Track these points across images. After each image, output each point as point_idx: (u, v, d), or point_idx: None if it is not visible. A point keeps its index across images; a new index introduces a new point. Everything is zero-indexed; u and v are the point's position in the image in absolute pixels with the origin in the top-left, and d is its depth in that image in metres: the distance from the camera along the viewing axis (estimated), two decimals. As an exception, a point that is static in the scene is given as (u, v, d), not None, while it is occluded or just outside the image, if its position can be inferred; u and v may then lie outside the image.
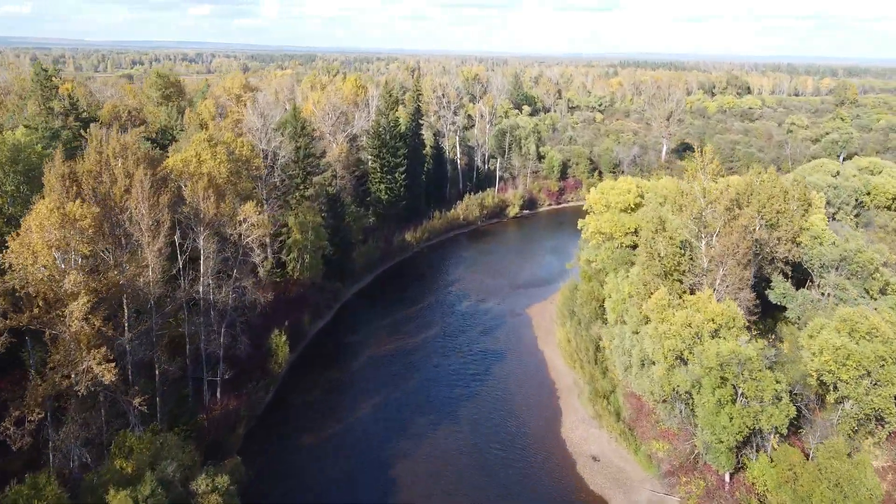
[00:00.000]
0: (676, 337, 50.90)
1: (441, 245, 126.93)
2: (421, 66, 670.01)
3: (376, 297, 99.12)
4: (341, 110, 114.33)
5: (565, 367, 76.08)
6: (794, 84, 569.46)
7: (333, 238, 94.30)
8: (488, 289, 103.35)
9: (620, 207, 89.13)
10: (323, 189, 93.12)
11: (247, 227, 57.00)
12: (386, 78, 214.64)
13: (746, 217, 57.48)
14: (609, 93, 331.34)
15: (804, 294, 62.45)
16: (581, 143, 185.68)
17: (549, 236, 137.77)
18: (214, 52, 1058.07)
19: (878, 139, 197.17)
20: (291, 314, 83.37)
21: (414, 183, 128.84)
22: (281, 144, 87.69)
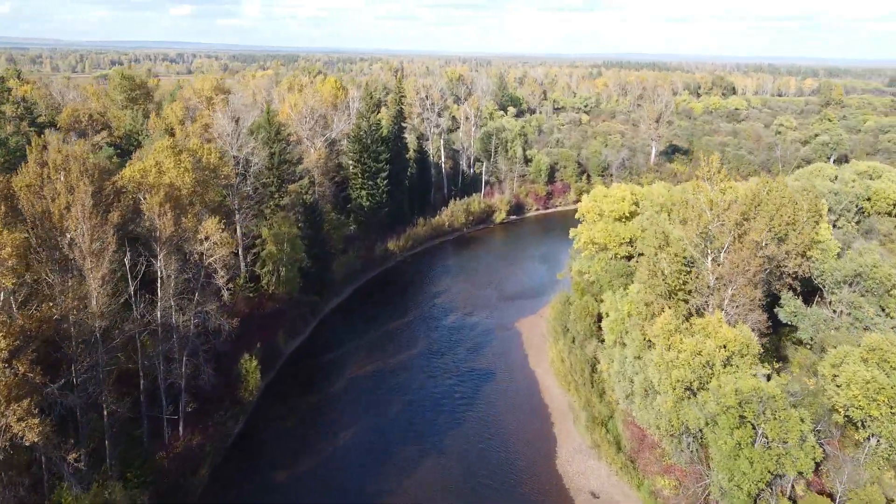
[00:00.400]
0: (685, 366, 46.07)
1: (426, 253, 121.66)
2: (404, 67, 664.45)
3: (357, 310, 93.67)
4: (320, 113, 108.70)
5: (559, 388, 71.12)
6: (778, 84, 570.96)
7: (311, 249, 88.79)
8: (475, 300, 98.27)
9: (615, 216, 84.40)
10: (299, 197, 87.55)
11: (209, 245, 51.41)
12: (367, 79, 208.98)
13: (757, 231, 52.81)
14: (594, 93, 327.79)
15: (817, 313, 57.96)
16: (568, 146, 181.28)
17: (538, 243, 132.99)
18: (196, 53, 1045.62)
19: (868, 141, 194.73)
20: (265, 332, 77.86)
21: (397, 189, 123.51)
22: (254, 150, 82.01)
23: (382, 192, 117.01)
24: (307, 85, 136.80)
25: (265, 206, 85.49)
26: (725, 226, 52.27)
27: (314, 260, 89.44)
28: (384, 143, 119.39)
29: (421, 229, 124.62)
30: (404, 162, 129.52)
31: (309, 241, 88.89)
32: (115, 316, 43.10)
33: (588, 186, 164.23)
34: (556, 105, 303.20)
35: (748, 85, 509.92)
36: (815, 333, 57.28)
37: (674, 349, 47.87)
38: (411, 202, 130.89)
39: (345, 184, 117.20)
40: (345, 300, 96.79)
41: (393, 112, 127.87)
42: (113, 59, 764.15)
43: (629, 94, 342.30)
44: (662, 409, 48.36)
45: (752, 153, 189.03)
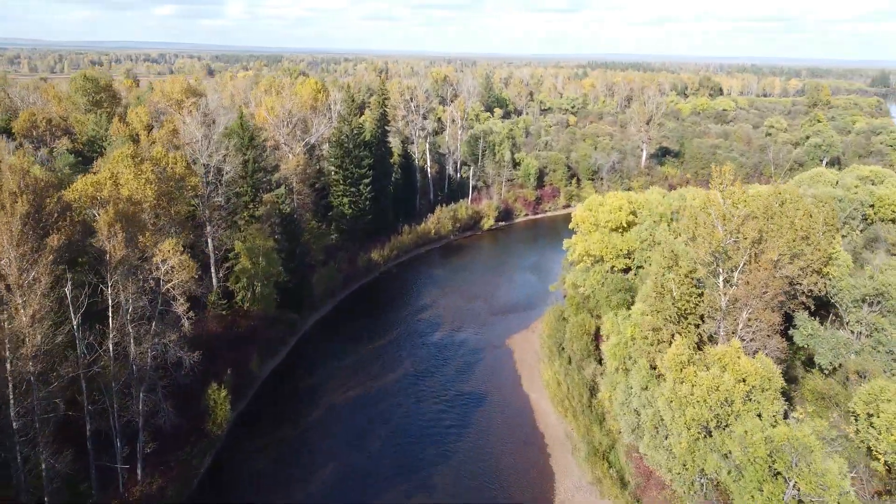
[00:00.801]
0: (701, 404, 41.18)
1: (411, 263, 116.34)
2: (389, 68, 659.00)
3: (338, 327, 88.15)
4: (299, 117, 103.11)
5: (555, 414, 66.10)
6: (763, 85, 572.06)
7: (289, 263, 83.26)
8: (464, 315, 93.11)
9: (611, 226, 79.59)
10: (276, 208, 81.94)
11: (167, 270, 45.85)
12: (348, 81, 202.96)
13: (775, 250, 48.05)
14: (581, 94, 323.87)
15: (836, 336, 53.33)
16: (557, 149, 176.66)
17: (528, 251, 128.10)
18: (179, 53, 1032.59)
19: (860, 143, 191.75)
20: (239, 353, 72.33)
21: (381, 195, 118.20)
22: (226, 158, 76.38)
23: (365, 200, 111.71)
24: (287, 86, 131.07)
25: (239, 217, 79.85)
26: (741, 244, 47.43)
27: (292, 274, 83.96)
28: (367, 148, 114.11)
29: (406, 237, 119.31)
30: (388, 167, 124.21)
31: (286, 254, 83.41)
32: (55, 356, 37.51)
33: (578, 190, 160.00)
34: (543, 106, 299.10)
35: (733, 85, 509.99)
36: (834, 358, 52.67)
37: (687, 382, 42.96)
38: (396, 209, 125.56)
39: (326, 191, 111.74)
40: (325, 316, 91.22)
41: (376, 115, 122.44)
42: (93, 60, 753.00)
43: (616, 95, 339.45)
44: (675, 449, 43.49)
45: (743, 155, 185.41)
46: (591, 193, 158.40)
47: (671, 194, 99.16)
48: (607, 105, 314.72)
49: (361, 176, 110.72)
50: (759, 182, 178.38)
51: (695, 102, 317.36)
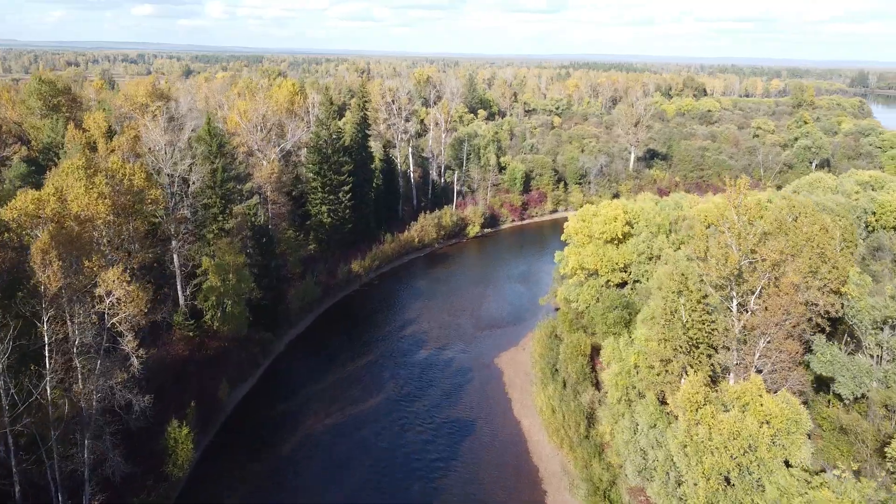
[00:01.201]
0: (721, 451, 36.40)
1: (394, 273, 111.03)
2: (371, 68, 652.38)
3: (316, 346, 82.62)
4: (274, 121, 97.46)
5: (550, 445, 61.17)
6: (745, 86, 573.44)
7: (262, 278, 77.66)
8: (449, 330, 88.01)
9: (606, 238, 74.85)
10: (247, 220, 76.30)
11: (112, 302, 40.28)
12: (327, 83, 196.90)
13: (797, 272, 43.44)
14: (566, 95, 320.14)
15: (858, 363, 48.87)
16: (543, 152, 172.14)
17: (515, 259, 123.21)
18: (157, 53, 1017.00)
19: (849, 144, 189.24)
20: (206, 378, 66.77)
21: (361, 202, 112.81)
22: (193, 167, 70.67)
23: (345, 208, 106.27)
24: (261, 89, 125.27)
25: (207, 230, 74.12)
26: (758, 265, 42.73)
27: (266, 290, 78.33)
28: (347, 153, 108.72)
29: (388, 246, 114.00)
30: (369, 173, 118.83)
31: (259, 269, 77.85)
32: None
33: (565, 195, 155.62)
34: (528, 107, 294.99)
35: (716, 86, 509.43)
36: (856, 388, 48.23)
37: (703, 425, 38.16)
38: (378, 216, 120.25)
39: (303, 199, 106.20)
40: (302, 334, 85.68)
41: (356, 118, 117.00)
42: (69, 60, 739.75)
43: (601, 96, 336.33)
44: (691, 502, 38.66)
45: (732, 157, 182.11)
46: (578, 198, 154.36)
47: (665, 201, 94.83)
48: (592, 106, 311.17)
49: (341, 183, 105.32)
50: (751, 185, 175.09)
51: (679, 103, 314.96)
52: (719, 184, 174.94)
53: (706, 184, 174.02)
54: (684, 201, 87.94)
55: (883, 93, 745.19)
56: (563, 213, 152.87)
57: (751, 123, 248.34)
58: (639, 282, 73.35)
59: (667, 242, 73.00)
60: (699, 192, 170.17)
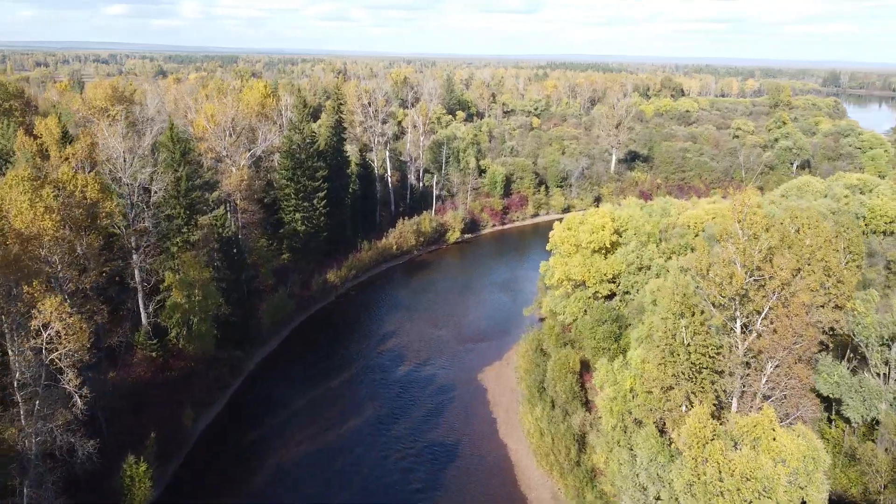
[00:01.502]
0: (734, 494, 32.96)
1: (372, 283, 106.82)
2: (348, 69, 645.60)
3: (289, 364, 78.18)
4: (243, 125, 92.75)
5: (538, 470, 57.53)
6: (721, 86, 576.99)
7: (231, 293, 73.19)
8: (430, 344, 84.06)
9: (594, 248, 71.40)
10: (214, 231, 71.69)
11: (50, 336, 35.79)
12: (301, 85, 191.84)
13: (808, 291, 40.18)
14: (544, 96, 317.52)
15: (868, 384, 45.83)
16: (524, 154, 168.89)
17: (497, 266, 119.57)
18: (130, 54, 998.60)
19: (829, 145, 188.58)
20: (170, 403, 62.17)
21: (337, 209, 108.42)
22: (154, 176, 65.95)
23: (320, 215, 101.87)
24: (231, 90, 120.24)
25: (171, 243, 69.41)
26: (766, 284, 39.39)
27: (235, 305, 73.88)
28: (321, 158, 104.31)
29: (366, 255, 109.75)
30: (345, 178, 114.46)
31: (228, 283, 73.31)
32: None
33: (546, 198, 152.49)
34: (506, 108, 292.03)
35: (692, 86, 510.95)
36: (867, 412, 45.19)
37: (712, 463, 34.69)
38: (354, 223, 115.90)
39: (276, 206, 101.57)
40: (275, 350, 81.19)
41: (331, 121, 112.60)
42: (38, 61, 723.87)
43: (579, 97, 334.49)
44: (701, 548, 35.27)
45: (713, 159, 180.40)
46: (560, 201, 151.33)
47: (652, 207, 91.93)
48: (570, 107, 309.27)
49: (315, 189, 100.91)
50: (732, 187, 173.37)
51: (658, 104, 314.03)
52: (701, 185, 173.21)
53: (688, 185, 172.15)
54: (672, 207, 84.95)
55: (854, 92, 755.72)
56: (544, 217, 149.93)
57: (729, 124, 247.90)
58: (628, 293, 70.06)
59: (657, 252, 69.80)
60: (681, 194, 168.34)
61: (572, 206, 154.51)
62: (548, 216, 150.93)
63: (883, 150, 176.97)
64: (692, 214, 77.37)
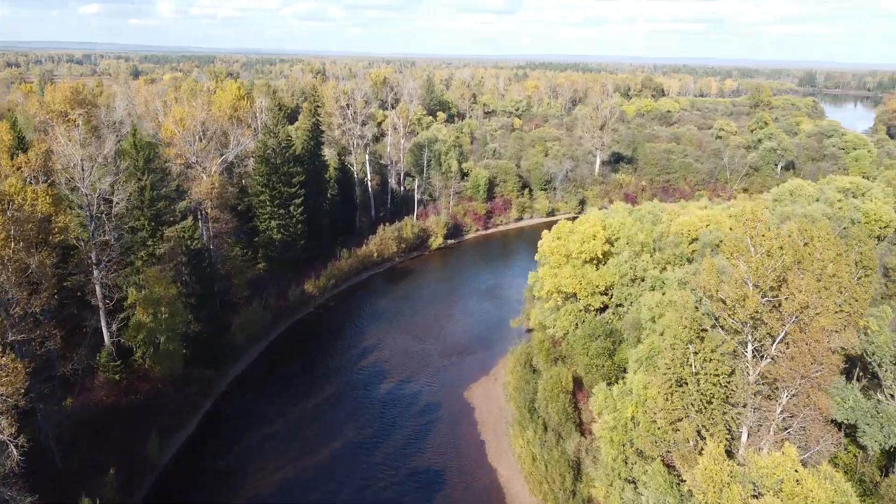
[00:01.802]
0: (757, 545, 29.53)
1: (351, 292, 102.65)
2: (327, 69, 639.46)
3: (264, 382, 73.80)
4: (215, 128, 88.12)
5: (531, 498, 53.87)
6: (700, 86, 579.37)
7: (200, 309, 68.76)
8: (413, 359, 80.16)
9: (585, 258, 67.99)
10: (182, 243, 67.18)
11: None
12: (277, 86, 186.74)
13: (827, 313, 36.91)
14: (525, 96, 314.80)
15: (886, 410, 42.76)
16: (507, 157, 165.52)
17: (481, 273, 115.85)
18: (106, 53, 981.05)
19: (812, 146, 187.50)
20: (135, 430, 57.73)
21: (315, 215, 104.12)
22: (116, 186, 61.35)
23: (297, 222, 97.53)
24: (207, 91, 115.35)
25: (135, 256, 64.85)
26: (783, 308, 36.04)
27: (205, 322, 69.42)
28: (298, 163, 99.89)
29: (345, 263, 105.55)
30: (323, 183, 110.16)
31: (198, 299, 68.87)
32: None
33: (530, 202, 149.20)
34: (487, 109, 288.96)
35: (672, 86, 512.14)
36: (885, 440, 42.11)
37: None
38: (333, 230, 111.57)
39: (250, 213, 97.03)
40: (249, 367, 76.78)
41: (308, 125, 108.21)
42: (9, 61, 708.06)
43: (560, 97, 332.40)
44: None
45: (698, 160, 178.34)
46: (544, 205, 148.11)
47: (642, 212, 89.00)
48: (552, 107, 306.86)
49: (292, 195, 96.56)
50: (717, 189, 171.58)
51: (639, 104, 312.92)
52: (686, 187, 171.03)
53: (673, 187, 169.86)
54: (663, 213, 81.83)
55: (830, 92, 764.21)
56: (528, 221, 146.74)
57: (710, 124, 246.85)
58: (621, 306, 66.73)
59: (651, 262, 66.55)
60: (666, 196, 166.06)
61: (557, 210, 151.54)
62: (532, 220, 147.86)
63: (866, 151, 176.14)
64: (685, 222, 74.28)
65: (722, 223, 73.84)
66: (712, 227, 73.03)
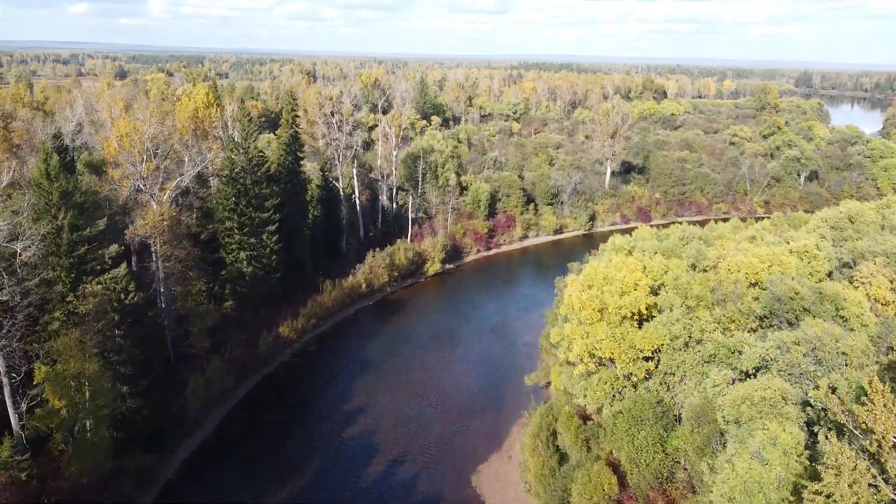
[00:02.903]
0: None
1: (336, 332, 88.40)
2: (317, 69, 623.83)
3: (220, 468, 59.27)
4: (170, 144, 73.54)
5: None
6: (697, 86, 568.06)
7: (138, 379, 54.38)
8: (408, 427, 65.91)
9: (625, 313, 53.93)
10: (113, 297, 52.67)
11: None
12: (238, 94, 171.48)
13: None
14: (522, 98, 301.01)
15: None
16: (509, 167, 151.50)
17: (484, 305, 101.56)
18: (94, 53, 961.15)
19: (836, 154, 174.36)
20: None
21: (293, 242, 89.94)
22: (19, 228, 46.98)
23: (271, 252, 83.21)
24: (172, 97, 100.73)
25: (50, 316, 50.47)
26: None
27: (147, 394, 55.07)
28: (272, 182, 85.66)
29: (329, 297, 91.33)
30: (303, 204, 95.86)
31: (136, 367, 54.42)
32: None
33: (536, 218, 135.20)
34: (483, 112, 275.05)
35: (669, 87, 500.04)
36: None
37: None
38: (315, 258, 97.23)
39: (216, 243, 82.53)
40: (205, 442, 62.20)
41: (285, 137, 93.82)
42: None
43: (559, 99, 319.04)
44: None
45: (715, 170, 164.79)
46: (551, 221, 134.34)
47: (669, 238, 75.47)
48: (551, 110, 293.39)
49: (264, 221, 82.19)
50: (736, 202, 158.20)
51: (641, 106, 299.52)
52: (703, 200, 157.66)
53: (689, 200, 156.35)
54: (710, 250, 67.73)
55: (827, 93, 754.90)
56: (534, 240, 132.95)
57: (716, 127, 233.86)
58: (672, 373, 52.68)
59: (710, 319, 52.58)
60: (682, 210, 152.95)
61: (565, 227, 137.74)
62: (538, 238, 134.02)
63: (895, 160, 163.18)
64: (741, 263, 60.38)
65: (787, 265, 60.04)
66: (776, 270, 59.24)
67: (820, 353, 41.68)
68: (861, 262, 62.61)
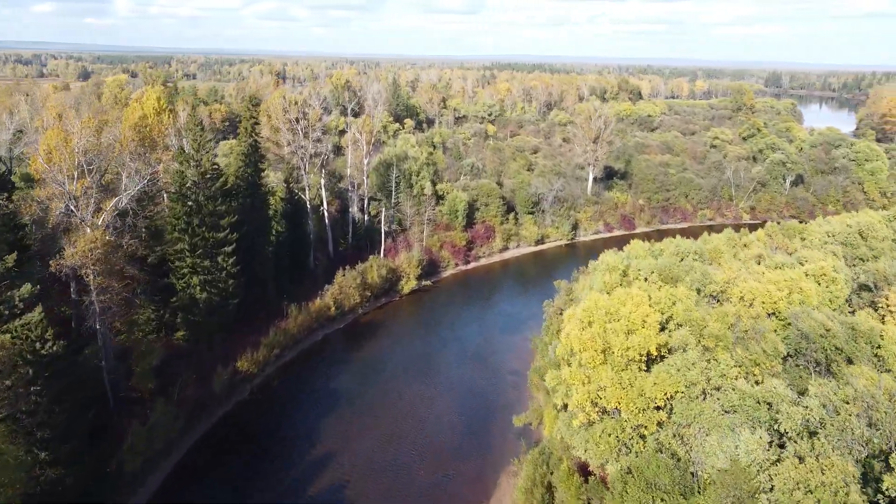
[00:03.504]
0: None
1: (302, 362, 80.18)
2: (287, 70, 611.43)
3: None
4: (106, 158, 64.62)
5: None
6: (670, 87, 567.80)
7: (60, 443, 45.74)
8: (383, 478, 58.05)
9: (632, 355, 46.67)
10: (27, 347, 43.97)
11: None
12: (190, 97, 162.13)
13: None
14: (497, 100, 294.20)
15: None
16: (487, 174, 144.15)
17: (464, 326, 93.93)
18: (58, 53, 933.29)
19: (820, 157, 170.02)
20: None
21: (254, 263, 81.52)
22: None
23: (228, 276, 74.60)
24: (85, 107, 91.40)
25: (-52, 374, 41.63)
26: None
27: (67, 463, 46.42)
28: (230, 197, 77.23)
29: (294, 322, 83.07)
30: (265, 220, 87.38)
31: (58, 429, 45.78)
32: None
33: (516, 227, 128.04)
34: (458, 114, 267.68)
35: (643, 87, 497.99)
36: None
37: None
38: (279, 279, 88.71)
39: (165, 266, 73.74)
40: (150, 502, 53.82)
41: (244, 147, 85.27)
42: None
43: (535, 101, 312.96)
44: None
45: (699, 175, 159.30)
46: (532, 231, 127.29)
47: (663, 253, 68.72)
48: (526, 112, 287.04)
49: (220, 242, 73.58)
50: (722, 206, 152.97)
51: (617, 108, 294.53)
52: (688, 206, 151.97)
53: (673, 207, 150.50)
54: (715, 273, 60.91)
55: (795, 93, 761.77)
56: (514, 251, 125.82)
57: (693, 129, 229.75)
58: (687, 426, 45.57)
59: (731, 363, 45.58)
60: (667, 217, 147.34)
61: (546, 237, 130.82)
62: (518, 249, 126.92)
63: (881, 164, 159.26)
64: (755, 290, 53.63)
65: (807, 292, 53.39)
66: (796, 298, 52.54)
67: (874, 412, 34.88)
68: (885, 287, 56.22)
